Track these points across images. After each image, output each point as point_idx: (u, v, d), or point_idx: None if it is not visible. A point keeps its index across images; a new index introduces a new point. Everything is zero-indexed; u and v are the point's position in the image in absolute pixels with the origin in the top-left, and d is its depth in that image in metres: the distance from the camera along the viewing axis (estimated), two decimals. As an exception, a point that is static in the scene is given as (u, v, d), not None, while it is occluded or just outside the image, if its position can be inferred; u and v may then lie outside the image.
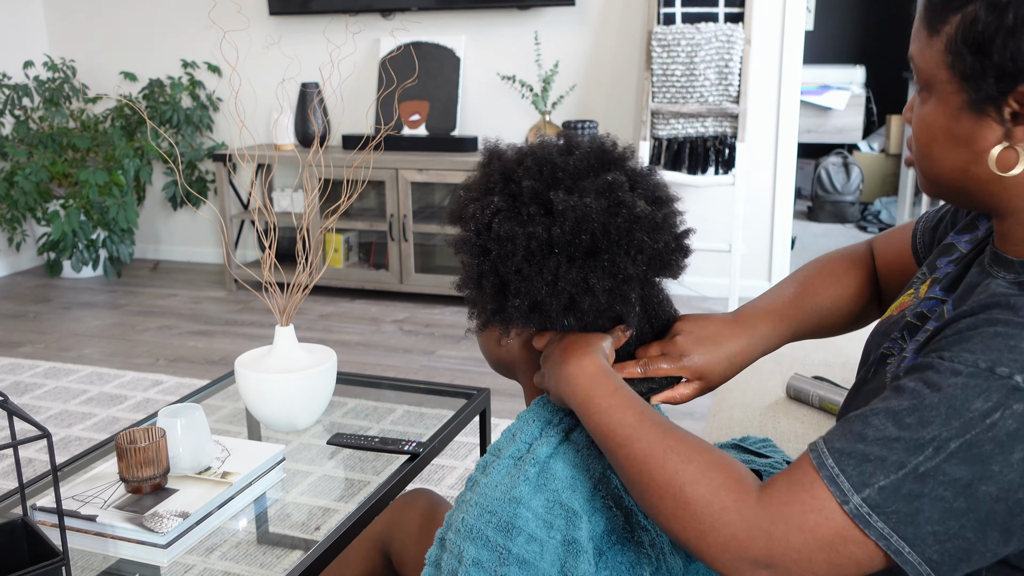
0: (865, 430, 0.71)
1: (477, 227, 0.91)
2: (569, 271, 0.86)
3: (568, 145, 0.94)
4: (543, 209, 0.88)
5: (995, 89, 0.72)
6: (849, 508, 0.69)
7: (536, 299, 0.88)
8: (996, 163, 0.74)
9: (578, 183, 0.89)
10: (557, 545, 0.81)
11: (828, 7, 6.26)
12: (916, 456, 0.69)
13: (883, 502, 0.69)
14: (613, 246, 0.86)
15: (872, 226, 5.46)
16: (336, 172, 3.91)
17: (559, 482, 0.84)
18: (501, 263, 0.89)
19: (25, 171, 4.15)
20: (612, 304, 0.88)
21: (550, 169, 0.90)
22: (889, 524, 0.69)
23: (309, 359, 1.59)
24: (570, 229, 0.86)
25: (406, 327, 3.70)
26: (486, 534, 0.81)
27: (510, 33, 4.05)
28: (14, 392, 3.02)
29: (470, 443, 2.51)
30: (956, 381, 0.69)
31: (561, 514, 0.82)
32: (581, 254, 0.87)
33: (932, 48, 0.76)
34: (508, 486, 0.83)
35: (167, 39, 4.60)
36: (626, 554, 0.87)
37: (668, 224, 0.90)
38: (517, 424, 0.92)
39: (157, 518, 1.27)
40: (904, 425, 0.70)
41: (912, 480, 0.68)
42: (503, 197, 0.90)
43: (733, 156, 3.64)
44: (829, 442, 0.73)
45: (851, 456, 0.71)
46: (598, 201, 0.86)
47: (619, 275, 0.86)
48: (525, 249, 0.87)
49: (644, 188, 0.91)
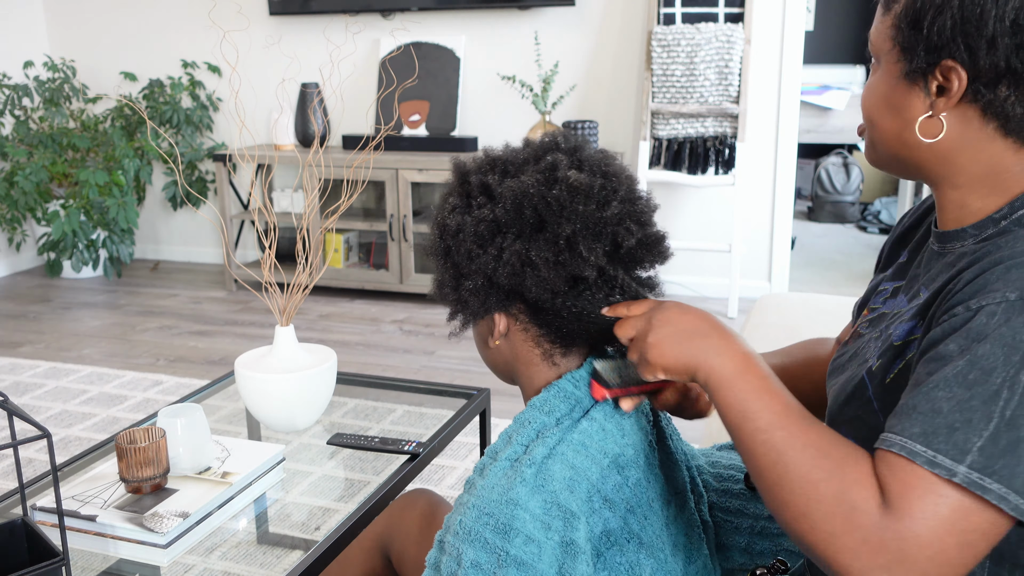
0: (937, 404, 0.71)
1: (439, 230, 0.95)
2: (513, 244, 0.89)
3: (527, 142, 0.98)
4: (489, 196, 0.92)
5: (924, 61, 0.79)
6: (960, 479, 0.68)
7: (486, 275, 0.91)
8: (920, 130, 0.81)
9: (522, 167, 0.93)
10: (555, 546, 0.81)
11: (828, 7, 6.26)
12: (996, 404, 0.69)
13: (988, 461, 0.68)
14: (556, 217, 0.88)
15: (872, 226, 5.46)
16: (336, 172, 3.91)
17: (557, 483, 0.83)
18: (456, 255, 0.93)
19: (25, 171, 4.15)
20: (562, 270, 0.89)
21: (500, 163, 0.95)
22: (1003, 482, 0.68)
23: (309, 359, 1.59)
24: (512, 207, 0.89)
25: (406, 327, 3.70)
26: (484, 536, 0.81)
27: (510, 33, 4.05)
28: (14, 392, 3.02)
29: (470, 443, 2.51)
30: (996, 321, 0.71)
31: (559, 515, 0.82)
32: (529, 231, 0.89)
33: (883, 24, 0.83)
34: (505, 488, 0.83)
35: (167, 39, 4.60)
36: (625, 555, 0.87)
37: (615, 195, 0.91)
38: (513, 426, 0.92)
39: (157, 518, 1.27)
40: (970, 383, 0.70)
41: (1005, 428, 0.68)
42: (458, 196, 0.95)
43: (733, 156, 3.64)
44: (905, 431, 0.72)
45: (936, 433, 0.70)
46: (535, 178, 0.90)
47: (560, 241, 0.88)
48: (474, 234, 0.91)
49: (589, 164, 0.92)
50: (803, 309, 2.15)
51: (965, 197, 0.83)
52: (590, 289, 0.91)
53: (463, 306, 0.95)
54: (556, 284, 0.89)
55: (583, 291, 0.91)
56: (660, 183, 3.86)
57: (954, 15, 0.76)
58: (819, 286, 4.22)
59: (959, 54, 0.77)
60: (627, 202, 0.91)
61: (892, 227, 5.29)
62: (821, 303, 2.20)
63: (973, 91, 0.78)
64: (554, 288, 0.90)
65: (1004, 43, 0.75)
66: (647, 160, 3.70)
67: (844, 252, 4.94)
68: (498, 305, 0.94)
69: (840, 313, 2.06)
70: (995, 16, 0.74)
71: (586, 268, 0.89)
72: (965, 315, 0.73)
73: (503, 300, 0.93)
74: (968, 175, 0.82)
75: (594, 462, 0.87)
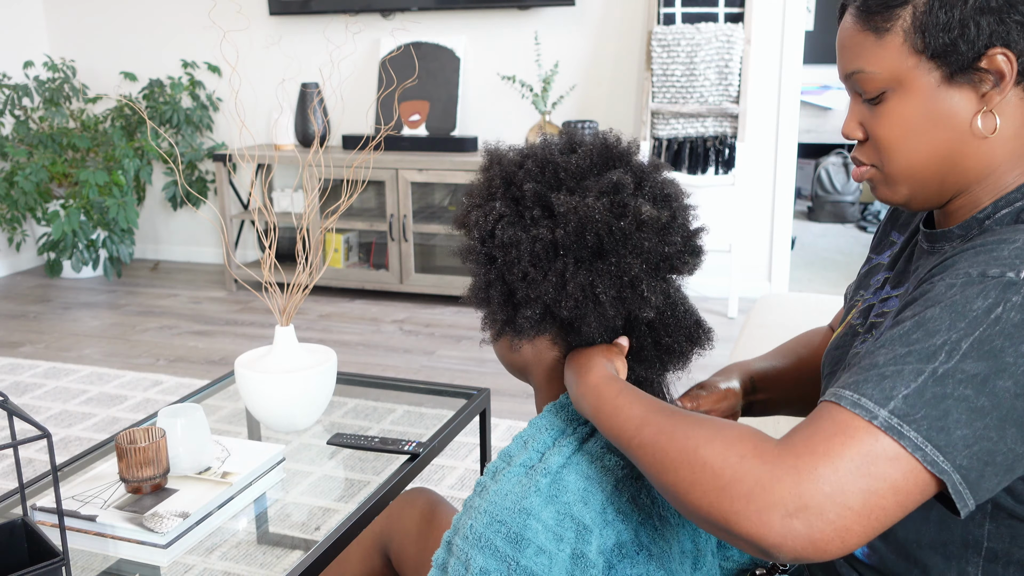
0: (875, 359, 0.71)
1: (481, 235, 0.90)
2: (576, 274, 0.85)
3: (570, 143, 0.93)
4: (546, 212, 0.87)
5: (968, 56, 0.76)
6: (879, 422, 0.67)
7: (546, 304, 0.87)
8: (983, 126, 0.78)
9: (581, 183, 0.88)
10: (566, 559, 0.80)
11: (828, 7, 6.26)
12: (932, 362, 0.69)
13: (910, 409, 0.68)
14: (619, 247, 0.85)
15: (872, 226, 5.46)
16: (336, 172, 3.91)
17: (571, 495, 0.82)
18: (507, 270, 0.88)
19: (25, 171, 4.15)
20: (622, 307, 0.87)
21: (552, 170, 0.89)
22: (921, 432, 0.67)
23: (309, 359, 1.59)
24: (574, 231, 0.84)
25: (406, 327, 3.70)
26: (495, 544, 0.80)
27: (510, 33, 4.05)
28: (14, 392, 3.02)
29: (470, 443, 2.51)
30: (952, 291, 0.71)
31: (571, 527, 0.81)
32: (588, 256, 0.85)
33: (887, 48, 0.80)
34: (519, 496, 0.82)
35: (167, 39, 4.60)
36: (636, 568, 0.86)
37: (676, 224, 0.88)
38: (529, 431, 0.91)
39: (157, 518, 1.27)
40: (911, 340, 0.71)
41: (933, 383, 0.68)
42: (505, 202, 0.89)
43: (733, 156, 3.64)
44: (842, 385, 0.72)
45: (867, 381, 0.70)
46: (601, 201, 0.85)
47: (624, 278, 0.85)
48: (530, 254, 0.86)
49: (651, 185, 0.89)
50: (803, 309, 2.15)
51: (979, 198, 0.82)
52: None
53: (512, 327, 0.91)
54: (615, 322, 0.87)
55: None
56: (660, 183, 3.86)
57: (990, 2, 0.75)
58: (819, 286, 4.22)
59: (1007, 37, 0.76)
60: (684, 228, 0.89)
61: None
62: (821, 303, 2.20)
63: (1019, 72, 0.77)
64: (613, 327, 0.88)
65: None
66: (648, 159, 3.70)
67: (844, 252, 4.94)
68: (549, 329, 0.91)
69: (840, 313, 2.07)
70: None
71: (646, 309, 0.86)
72: (927, 287, 0.74)
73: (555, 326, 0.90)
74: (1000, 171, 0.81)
75: (610, 473, 0.86)
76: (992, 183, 0.82)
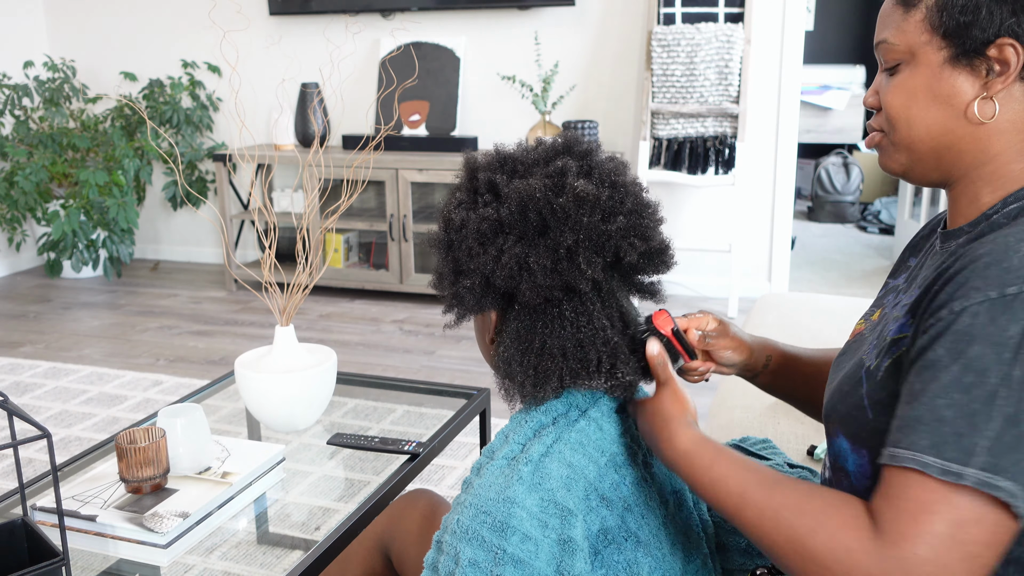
0: (939, 413, 0.71)
1: (444, 223, 0.95)
2: (514, 247, 0.89)
3: (536, 142, 0.98)
4: (495, 195, 0.92)
5: (978, 41, 0.79)
6: (969, 481, 0.68)
7: (484, 275, 0.91)
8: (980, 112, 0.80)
9: (531, 169, 0.93)
10: (552, 544, 0.81)
11: (828, 7, 6.26)
12: (996, 403, 0.69)
13: (997, 460, 0.68)
14: (560, 224, 0.88)
15: (872, 226, 5.46)
16: (336, 172, 3.91)
17: (554, 481, 0.84)
18: (457, 249, 0.93)
19: (25, 171, 4.15)
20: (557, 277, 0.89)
21: (510, 161, 0.95)
22: (1013, 479, 0.68)
23: (309, 359, 1.59)
24: (516, 209, 0.89)
25: (406, 327, 3.70)
26: (481, 534, 0.81)
27: (510, 33, 4.05)
28: (14, 392, 3.02)
29: (470, 443, 2.51)
30: (980, 321, 0.71)
31: (556, 513, 0.82)
32: (532, 233, 0.89)
33: (909, 21, 0.83)
34: (502, 486, 0.83)
35: (167, 39, 4.60)
36: (623, 553, 0.87)
37: (623, 209, 0.90)
38: (510, 425, 0.92)
39: (157, 518, 1.27)
40: (967, 386, 0.70)
41: (1008, 425, 0.68)
42: (465, 192, 0.96)
43: (733, 156, 3.64)
44: (915, 444, 0.71)
45: (945, 443, 0.70)
46: (543, 182, 0.89)
47: (560, 250, 0.88)
48: (476, 232, 0.91)
49: (599, 172, 0.92)
50: (803, 309, 2.15)
51: (980, 190, 0.83)
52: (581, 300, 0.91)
53: (458, 301, 0.95)
54: (550, 292, 0.89)
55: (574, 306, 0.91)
56: (660, 183, 3.86)
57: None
58: (819, 286, 4.22)
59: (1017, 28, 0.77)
60: (633, 214, 0.91)
61: (892, 227, 5.22)
62: (821, 303, 2.20)
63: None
64: (548, 296, 0.90)
65: None
66: (647, 160, 3.70)
67: (844, 252, 4.94)
68: (493, 304, 0.94)
69: (840, 313, 2.07)
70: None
71: (582, 280, 0.88)
72: (949, 318, 0.73)
73: (498, 300, 0.94)
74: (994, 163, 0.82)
75: (591, 460, 0.88)
76: (990, 173, 0.83)
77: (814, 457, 1.51)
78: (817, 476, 1.15)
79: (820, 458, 1.50)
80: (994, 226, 0.80)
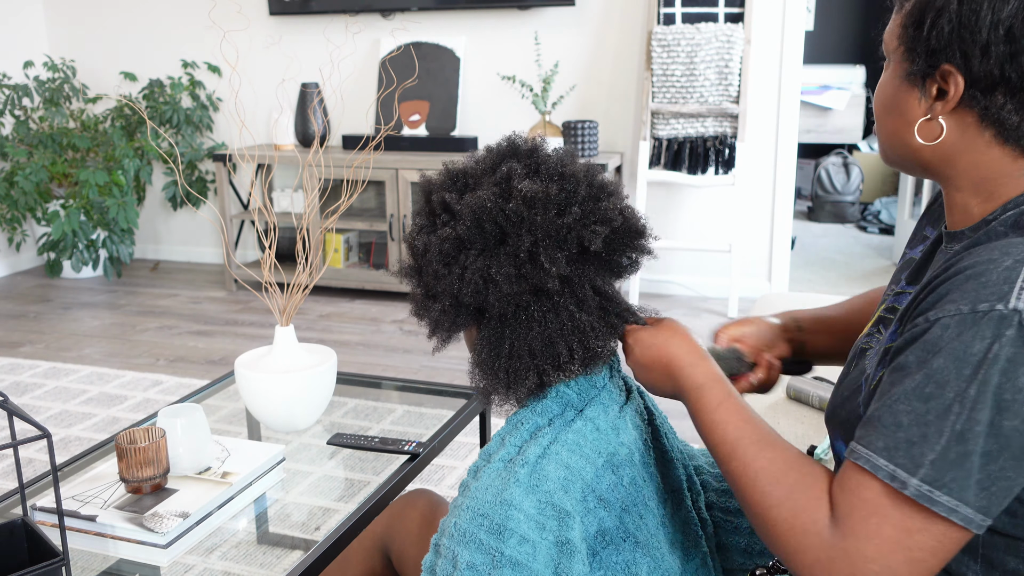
0: (898, 418, 0.73)
1: (411, 251, 0.96)
2: (475, 262, 0.88)
3: (488, 149, 0.98)
4: (451, 214, 0.92)
5: (925, 64, 0.79)
6: (911, 492, 0.71)
7: (452, 295, 0.90)
8: (919, 133, 0.81)
9: (479, 180, 0.92)
10: (550, 546, 0.81)
11: (828, 7, 6.26)
12: (948, 418, 0.70)
13: (938, 475, 0.70)
14: (515, 230, 0.88)
15: (872, 226, 5.46)
16: (336, 172, 3.91)
17: (551, 483, 0.83)
18: (425, 274, 0.93)
19: (25, 171, 4.15)
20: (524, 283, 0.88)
21: (460, 176, 0.95)
22: (953, 495, 0.70)
23: (309, 359, 1.59)
24: (472, 224, 0.88)
25: (406, 327, 3.70)
26: (479, 537, 0.81)
27: (510, 33, 4.05)
28: (14, 392, 3.02)
29: (470, 443, 2.51)
30: (949, 334, 0.72)
31: (553, 515, 0.82)
32: (493, 244, 0.89)
33: (895, 23, 0.83)
34: (499, 488, 0.82)
35: (167, 39, 4.60)
36: (621, 554, 0.87)
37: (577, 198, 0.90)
38: (506, 428, 0.92)
39: (157, 518, 1.27)
40: (926, 396, 0.72)
41: (955, 442, 0.70)
42: (424, 216, 0.96)
43: (733, 156, 3.64)
44: (871, 444, 0.74)
45: (898, 448, 0.72)
46: (491, 190, 0.89)
47: (520, 255, 0.87)
48: (439, 253, 0.90)
49: (547, 168, 0.92)
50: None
51: (967, 200, 0.83)
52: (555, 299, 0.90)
53: (436, 326, 0.95)
54: (519, 298, 0.89)
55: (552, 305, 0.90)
56: (660, 183, 3.86)
57: (952, 19, 0.76)
58: (819, 286, 4.23)
59: (956, 59, 0.76)
60: (588, 201, 0.90)
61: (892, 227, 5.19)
62: (821, 303, 2.20)
63: (970, 97, 0.77)
64: (517, 302, 0.89)
65: (998, 51, 0.74)
66: (647, 160, 3.71)
67: (844, 252, 4.94)
68: (469, 321, 0.94)
69: (840, 313, 2.06)
70: (990, 23, 0.74)
71: (548, 279, 0.88)
72: (924, 326, 0.74)
73: (472, 316, 0.93)
74: (969, 179, 0.82)
75: (588, 461, 0.87)
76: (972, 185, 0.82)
77: (814, 457, 1.52)
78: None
79: (820, 458, 1.50)
80: (991, 234, 0.79)
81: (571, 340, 0.90)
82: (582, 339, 0.90)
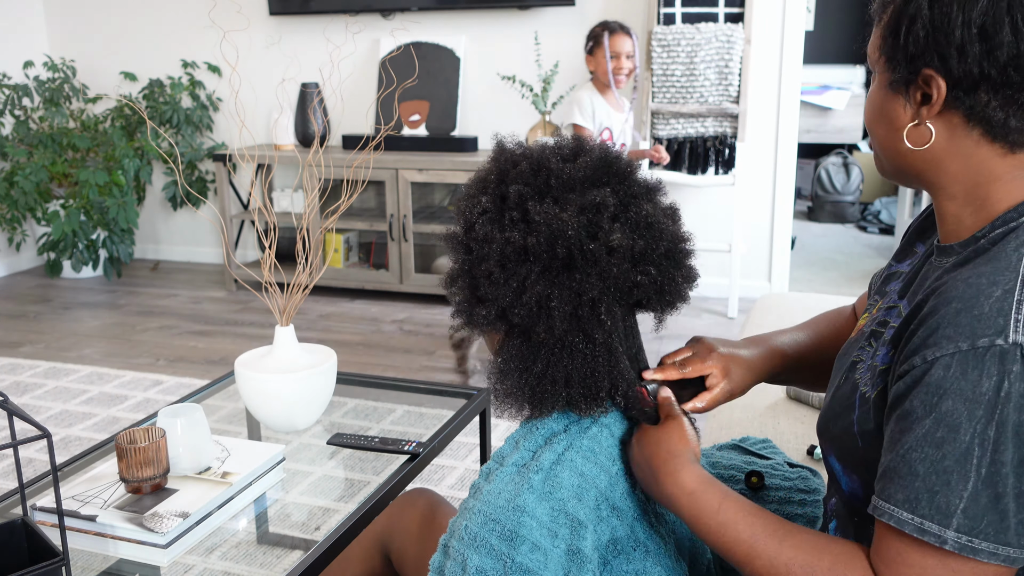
0: (913, 467, 0.72)
1: (464, 224, 0.90)
2: (536, 283, 0.84)
3: (576, 150, 0.92)
4: (525, 216, 0.86)
5: (906, 71, 0.79)
6: (951, 546, 0.70)
7: (501, 307, 0.87)
8: (908, 138, 0.81)
9: (566, 194, 0.87)
10: (561, 555, 0.80)
11: (828, 7, 6.26)
12: (970, 462, 0.69)
13: (973, 523, 0.69)
14: (588, 267, 0.84)
15: (872, 226, 5.46)
16: (336, 172, 3.91)
17: (565, 491, 0.82)
18: (476, 264, 0.88)
19: (25, 171, 4.15)
20: (576, 324, 0.86)
21: (544, 175, 0.88)
22: (990, 539, 0.69)
23: (309, 359, 1.59)
24: (545, 241, 0.84)
25: (406, 327, 3.70)
26: (490, 542, 0.80)
27: (510, 33, 4.05)
28: (14, 392, 3.02)
29: (470, 443, 2.51)
30: (952, 374, 0.71)
31: (566, 523, 0.81)
32: (558, 266, 0.85)
33: (875, 35, 0.84)
34: (512, 494, 0.82)
35: (167, 39, 4.60)
36: (632, 564, 0.86)
37: (655, 256, 0.87)
38: (521, 431, 0.91)
39: (157, 518, 1.27)
40: (939, 441, 0.71)
41: (983, 486, 0.69)
42: (492, 198, 0.89)
43: (733, 156, 3.64)
44: (891, 498, 0.73)
45: (919, 498, 0.71)
46: (577, 218, 0.84)
47: (584, 296, 0.84)
48: (500, 254, 0.86)
49: (635, 212, 0.88)
50: (803, 309, 2.15)
51: (960, 211, 0.82)
52: None
53: (470, 320, 0.91)
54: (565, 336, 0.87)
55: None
56: (660, 183, 3.85)
57: (925, 24, 0.76)
58: (819, 286, 4.22)
59: (934, 63, 0.77)
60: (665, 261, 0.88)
61: (892, 227, 5.19)
62: (821, 303, 2.20)
63: (954, 98, 0.77)
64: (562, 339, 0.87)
65: (974, 50, 0.74)
66: (647, 160, 3.70)
67: (844, 252, 4.94)
68: (503, 329, 0.91)
69: (840, 313, 2.06)
70: (962, 23, 0.74)
71: (599, 330, 0.86)
72: (923, 367, 0.73)
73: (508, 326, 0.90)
74: (961, 185, 0.81)
75: (603, 469, 0.86)
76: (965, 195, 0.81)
77: (814, 457, 1.51)
78: (817, 476, 1.15)
79: (820, 458, 1.50)
80: (980, 251, 0.79)
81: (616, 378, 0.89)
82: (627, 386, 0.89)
